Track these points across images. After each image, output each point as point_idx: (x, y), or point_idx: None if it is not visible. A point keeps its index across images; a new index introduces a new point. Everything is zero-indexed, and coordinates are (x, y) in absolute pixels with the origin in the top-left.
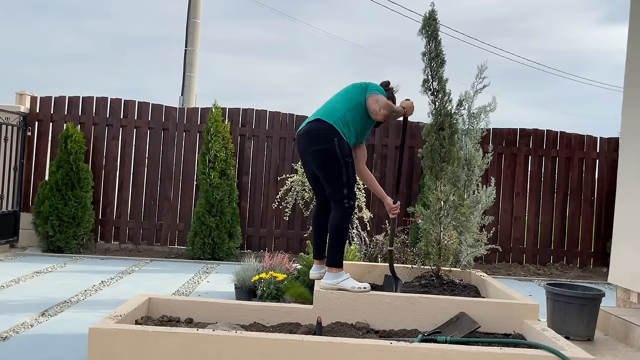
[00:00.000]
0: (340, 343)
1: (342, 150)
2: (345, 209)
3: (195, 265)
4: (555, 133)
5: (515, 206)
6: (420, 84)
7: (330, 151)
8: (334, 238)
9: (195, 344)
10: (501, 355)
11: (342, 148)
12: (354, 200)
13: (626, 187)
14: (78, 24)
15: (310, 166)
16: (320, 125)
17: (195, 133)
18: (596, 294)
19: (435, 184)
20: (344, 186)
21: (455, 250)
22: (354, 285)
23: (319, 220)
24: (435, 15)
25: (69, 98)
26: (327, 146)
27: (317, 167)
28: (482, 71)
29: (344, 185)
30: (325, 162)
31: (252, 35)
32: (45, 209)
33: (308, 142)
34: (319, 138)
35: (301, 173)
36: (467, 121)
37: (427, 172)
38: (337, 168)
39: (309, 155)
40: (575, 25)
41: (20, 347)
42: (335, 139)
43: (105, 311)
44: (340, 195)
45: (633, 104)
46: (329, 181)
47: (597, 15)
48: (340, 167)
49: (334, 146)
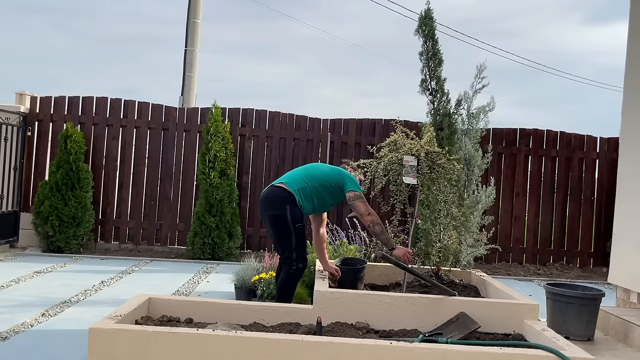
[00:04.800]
0: (340, 343)
1: (293, 218)
2: (293, 271)
3: (195, 265)
4: (555, 133)
5: (515, 206)
6: (418, 84)
7: (281, 217)
8: (279, 295)
9: (195, 344)
10: (501, 355)
11: (294, 215)
12: (302, 264)
13: (626, 187)
14: (63, 23)
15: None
16: (278, 192)
17: (195, 133)
18: (596, 294)
19: (435, 184)
20: (292, 250)
21: (455, 250)
22: None
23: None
24: (431, 14)
25: (69, 98)
26: (279, 212)
27: (271, 230)
28: (481, 71)
29: (292, 249)
30: (277, 227)
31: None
32: (45, 209)
33: (266, 206)
34: (275, 203)
35: None
36: (466, 121)
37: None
38: (287, 233)
39: (265, 218)
40: (555, 27)
41: (20, 347)
42: (288, 206)
43: (105, 311)
44: (289, 259)
45: (633, 104)
46: (279, 244)
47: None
48: (290, 232)
49: (286, 213)
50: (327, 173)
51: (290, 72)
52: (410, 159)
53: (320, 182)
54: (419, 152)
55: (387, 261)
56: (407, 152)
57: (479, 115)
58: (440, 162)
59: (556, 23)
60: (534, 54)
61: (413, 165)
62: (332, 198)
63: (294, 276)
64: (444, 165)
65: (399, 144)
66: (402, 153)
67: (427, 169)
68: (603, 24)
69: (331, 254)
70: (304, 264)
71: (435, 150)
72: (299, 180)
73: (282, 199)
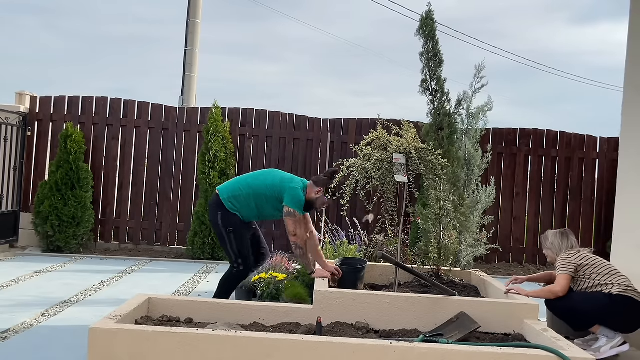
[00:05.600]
0: (340, 343)
1: (224, 222)
2: (235, 271)
3: (195, 265)
4: (555, 133)
5: (515, 206)
6: (419, 84)
7: (214, 222)
8: (217, 290)
9: (195, 344)
10: (501, 355)
11: (225, 220)
12: (243, 266)
13: (626, 187)
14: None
15: None
16: (212, 199)
17: (195, 133)
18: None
19: (435, 184)
20: (230, 253)
21: (455, 250)
22: None
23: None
24: (432, 15)
25: (69, 98)
26: (212, 218)
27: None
28: (480, 71)
29: (230, 252)
30: (214, 230)
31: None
32: (45, 209)
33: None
34: (210, 210)
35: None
36: (466, 121)
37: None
38: (221, 237)
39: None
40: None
41: (20, 347)
42: (220, 212)
43: (105, 311)
44: (231, 260)
45: (633, 104)
46: (221, 246)
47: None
48: (223, 236)
49: (217, 219)
50: (268, 183)
51: (282, 71)
52: (400, 157)
53: (255, 191)
54: (408, 149)
55: (387, 261)
56: (395, 150)
57: (479, 115)
58: (429, 159)
59: (542, 24)
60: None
61: (403, 163)
62: (274, 208)
63: (234, 276)
64: (432, 161)
65: (383, 141)
66: (390, 152)
67: (421, 166)
68: (588, 25)
69: (331, 253)
70: (245, 266)
71: (422, 147)
72: (234, 187)
73: (214, 205)
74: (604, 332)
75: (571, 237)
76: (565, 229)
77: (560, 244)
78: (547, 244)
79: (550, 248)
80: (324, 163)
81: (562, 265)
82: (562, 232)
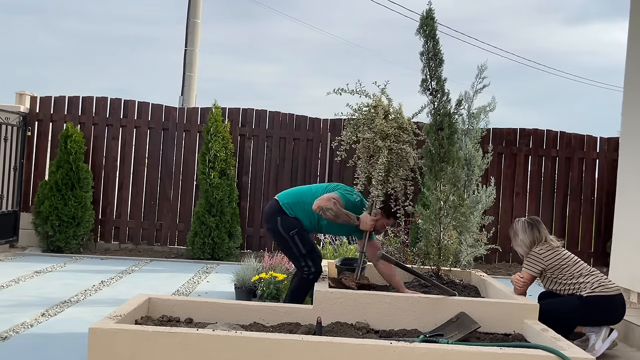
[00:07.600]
0: (340, 343)
1: (285, 226)
2: (306, 276)
3: (195, 265)
4: (555, 133)
5: (515, 206)
6: (419, 83)
7: (274, 229)
8: (290, 299)
9: (195, 344)
10: (501, 355)
11: (286, 224)
12: (315, 268)
13: (626, 187)
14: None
15: None
16: (270, 207)
17: (195, 133)
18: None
19: (435, 184)
20: (297, 258)
21: (455, 250)
22: None
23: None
24: (432, 14)
25: (69, 98)
26: (271, 225)
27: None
28: (482, 71)
29: (297, 256)
30: (275, 238)
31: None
32: (45, 209)
33: (264, 220)
34: (267, 217)
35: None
36: (466, 121)
37: (426, 172)
38: (284, 243)
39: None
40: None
41: (20, 347)
42: (279, 217)
43: (105, 311)
44: (299, 265)
45: (633, 104)
46: (286, 255)
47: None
48: (286, 241)
49: (277, 224)
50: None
51: (278, 72)
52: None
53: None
54: (388, 129)
55: (387, 261)
56: (380, 131)
57: (480, 115)
58: (403, 139)
59: (536, 25)
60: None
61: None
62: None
63: (307, 281)
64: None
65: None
66: (376, 130)
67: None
68: (581, 26)
69: (331, 254)
70: (316, 267)
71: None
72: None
73: (273, 211)
74: (588, 330)
75: (541, 227)
76: (533, 217)
77: (530, 241)
78: (517, 240)
79: (521, 246)
80: (324, 163)
81: (530, 262)
82: (530, 224)
